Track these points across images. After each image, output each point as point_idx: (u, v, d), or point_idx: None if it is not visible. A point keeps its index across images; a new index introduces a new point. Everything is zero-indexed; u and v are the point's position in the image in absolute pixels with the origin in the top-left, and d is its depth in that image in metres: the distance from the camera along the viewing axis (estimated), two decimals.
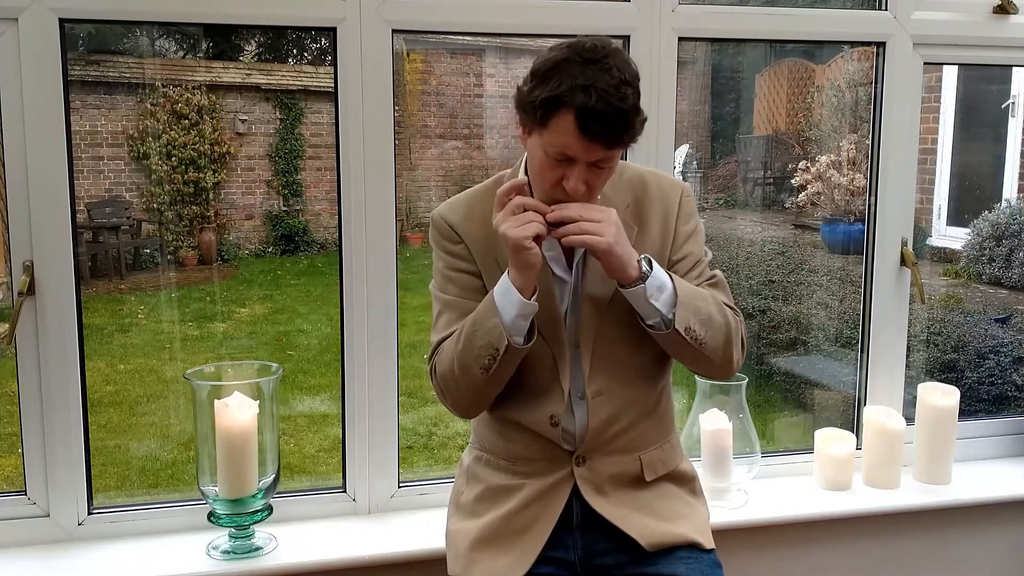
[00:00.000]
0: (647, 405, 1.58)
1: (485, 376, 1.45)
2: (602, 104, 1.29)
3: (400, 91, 7.36)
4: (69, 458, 1.88)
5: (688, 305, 1.44)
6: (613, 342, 1.52)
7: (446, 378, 1.51)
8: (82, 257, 4.73)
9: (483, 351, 1.43)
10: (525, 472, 1.57)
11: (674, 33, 2.05)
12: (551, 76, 1.33)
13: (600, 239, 1.37)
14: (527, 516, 1.55)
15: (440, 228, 1.57)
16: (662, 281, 1.43)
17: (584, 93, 1.29)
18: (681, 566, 1.51)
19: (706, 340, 1.46)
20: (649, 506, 1.56)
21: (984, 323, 4.17)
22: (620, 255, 1.39)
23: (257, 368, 1.92)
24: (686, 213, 1.56)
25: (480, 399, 1.53)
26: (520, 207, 1.39)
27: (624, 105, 1.31)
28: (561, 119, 1.32)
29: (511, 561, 1.52)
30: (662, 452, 1.60)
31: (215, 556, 1.82)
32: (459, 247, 1.55)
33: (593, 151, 1.34)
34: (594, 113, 1.30)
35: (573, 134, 1.32)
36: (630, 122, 1.34)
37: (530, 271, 1.40)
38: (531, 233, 1.36)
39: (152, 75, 7.23)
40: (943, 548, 2.21)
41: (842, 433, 2.21)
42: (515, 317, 1.41)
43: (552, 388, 1.53)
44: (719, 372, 1.55)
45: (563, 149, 1.35)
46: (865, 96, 5.37)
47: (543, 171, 1.39)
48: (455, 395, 1.52)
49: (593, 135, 1.32)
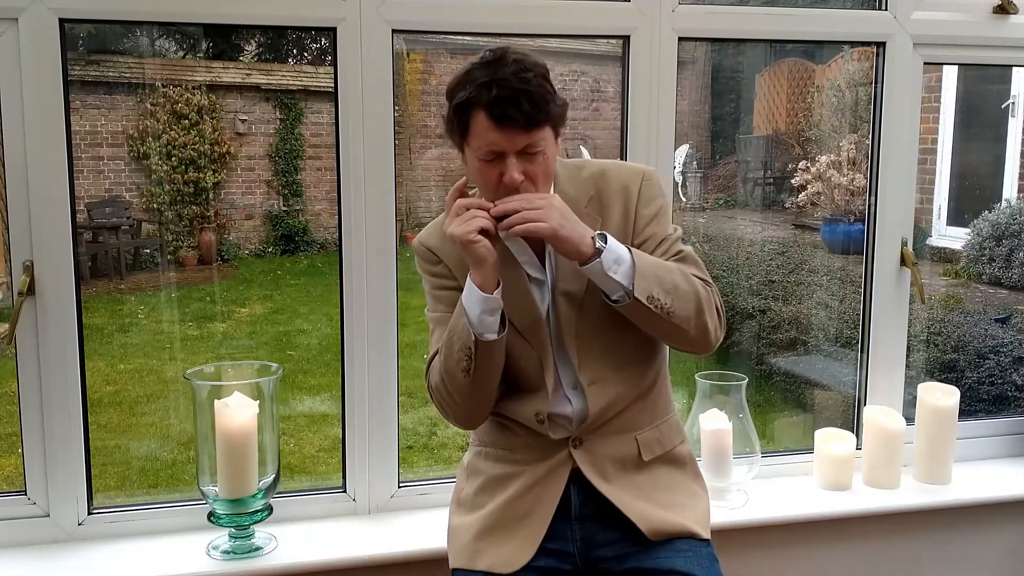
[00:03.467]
0: (641, 387, 1.60)
1: (468, 379, 1.49)
2: (505, 91, 1.37)
3: (400, 91, 7.36)
4: (69, 458, 1.88)
5: (649, 275, 1.45)
6: (596, 332, 1.55)
7: (439, 390, 1.56)
8: (82, 257, 4.73)
9: (460, 354, 1.47)
10: (523, 459, 1.59)
11: (674, 33, 2.05)
12: (457, 89, 1.43)
13: (543, 224, 1.41)
14: (527, 501, 1.57)
15: (421, 254, 1.63)
16: (619, 254, 1.45)
17: (487, 88, 1.38)
18: (679, 559, 1.52)
19: (674, 309, 1.46)
20: (649, 494, 1.58)
21: (984, 323, 4.17)
22: (568, 236, 1.42)
23: (257, 368, 1.92)
24: (646, 197, 1.58)
25: (474, 405, 1.55)
26: (463, 207, 1.45)
27: (527, 87, 1.38)
28: (476, 119, 1.41)
29: (514, 548, 1.54)
30: (659, 432, 1.62)
31: (215, 556, 1.82)
32: (439, 267, 1.60)
33: (514, 138, 1.41)
34: (500, 100, 1.38)
35: (490, 128, 1.40)
36: (538, 102, 1.39)
37: (484, 265, 1.43)
38: (475, 228, 1.42)
39: (152, 75, 7.24)
40: (943, 548, 2.21)
41: (842, 433, 2.21)
42: (480, 314, 1.45)
43: (538, 386, 1.56)
44: (698, 344, 1.54)
45: (488, 147, 1.42)
46: (865, 96, 5.37)
47: (482, 176, 1.46)
48: (451, 405, 1.56)
49: (507, 121, 1.38)
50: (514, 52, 1.42)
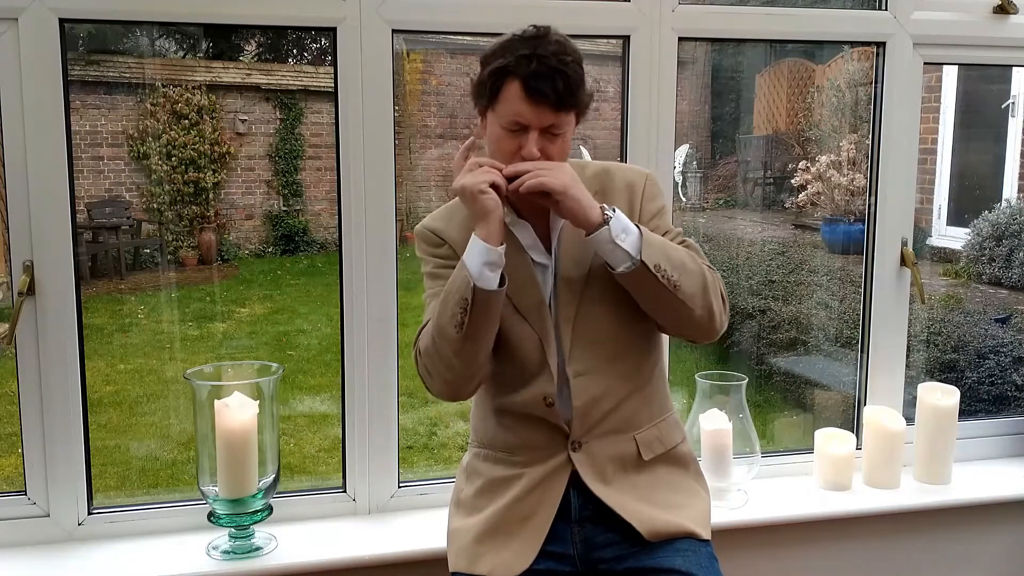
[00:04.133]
0: (636, 382, 1.59)
1: (460, 334, 1.45)
2: (544, 67, 1.41)
3: (400, 91, 7.36)
4: (69, 458, 1.88)
5: (656, 247, 1.46)
6: (593, 322, 1.55)
7: (428, 352, 1.51)
8: (82, 257, 4.73)
9: (456, 308, 1.45)
10: (523, 461, 1.58)
11: (674, 33, 2.05)
12: (496, 55, 1.45)
13: (555, 180, 1.42)
14: (528, 504, 1.56)
15: (424, 236, 1.63)
16: (626, 225, 1.46)
17: (527, 60, 1.41)
18: (679, 559, 1.52)
19: (681, 283, 1.46)
20: (648, 495, 1.57)
21: (984, 323, 4.17)
22: (577, 197, 1.43)
23: (257, 368, 1.92)
24: (650, 193, 1.60)
25: (461, 367, 1.49)
26: (476, 165, 1.47)
27: (566, 68, 1.42)
28: (509, 88, 1.43)
29: (515, 552, 1.54)
30: (658, 431, 1.62)
31: (215, 556, 1.82)
32: (443, 248, 1.60)
33: (542, 114, 1.43)
34: (537, 75, 1.41)
35: (521, 99, 1.42)
36: (573, 86, 1.43)
37: (490, 217, 1.43)
38: (486, 179, 1.43)
39: (152, 75, 7.23)
40: (943, 548, 2.21)
41: (842, 433, 2.21)
42: (481, 266, 1.43)
43: (542, 369, 1.55)
44: (703, 327, 1.52)
45: (515, 117, 1.44)
46: (865, 96, 5.37)
47: (500, 144, 1.48)
48: (437, 368, 1.50)
49: (539, 97, 1.41)
50: (556, 34, 1.46)
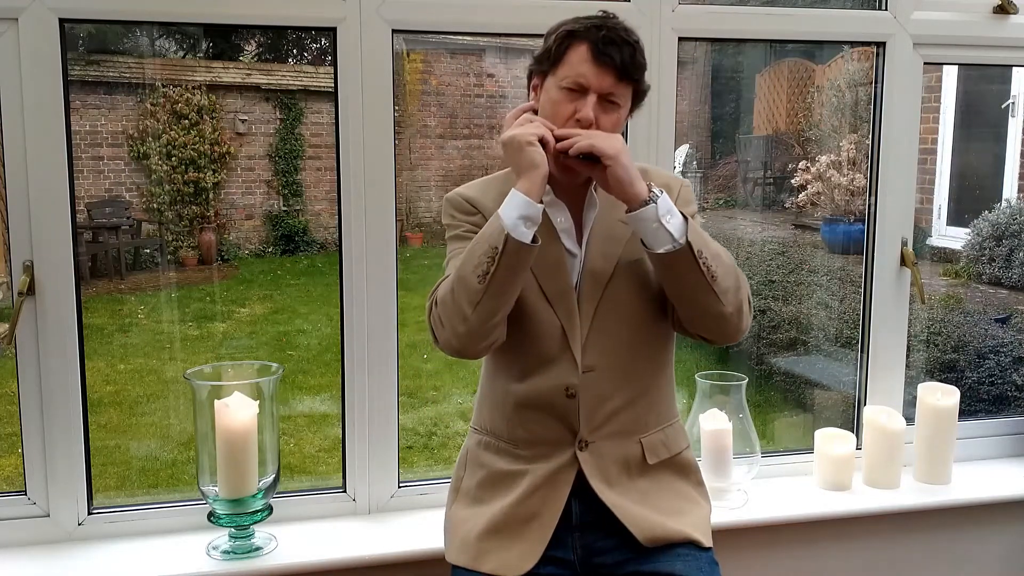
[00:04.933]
0: (645, 384, 1.58)
1: (482, 286, 1.39)
2: (614, 35, 1.45)
3: (400, 91, 7.36)
4: (69, 458, 1.88)
5: (698, 235, 1.45)
6: (611, 318, 1.54)
7: (444, 301, 1.45)
8: (82, 257, 4.73)
9: (483, 257, 1.40)
10: (528, 456, 1.57)
11: (674, 33, 2.05)
12: (566, 24, 1.49)
13: (607, 145, 1.42)
14: (533, 504, 1.55)
15: (455, 203, 1.61)
16: (671, 207, 1.45)
17: (597, 28, 1.46)
18: (679, 564, 1.52)
19: (717, 273, 1.45)
20: (650, 500, 1.57)
21: (984, 323, 4.17)
22: (627, 166, 1.42)
23: (257, 368, 1.92)
24: (685, 198, 1.59)
25: (475, 320, 1.42)
26: (528, 119, 1.47)
27: (632, 39, 1.47)
28: (575, 51, 1.46)
29: (520, 552, 1.53)
30: (664, 435, 1.61)
31: (215, 556, 1.82)
32: (475, 217, 1.58)
33: (604, 78, 1.45)
34: (606, 40, 1.44)
35: (588, 61, 1.45)
36: (637, 59, 1.47)
37: (534, 171, 1.42)
38: (535, 131, 1.43)
39: (152, 75, 7.24)
40: (943, 548, 2.21)
41: (842, 433, 2.21)
42: (517, 219, 1.39)
43: (563, 358, 1.53)
44: (731, 324, 1.50)
45: (577, 79, 1.45)
46: (865, 96, 5.37)
47: (556, 107, 1.48)
48: (452, 320, 1.43)
49: (606, 60, 1.44)
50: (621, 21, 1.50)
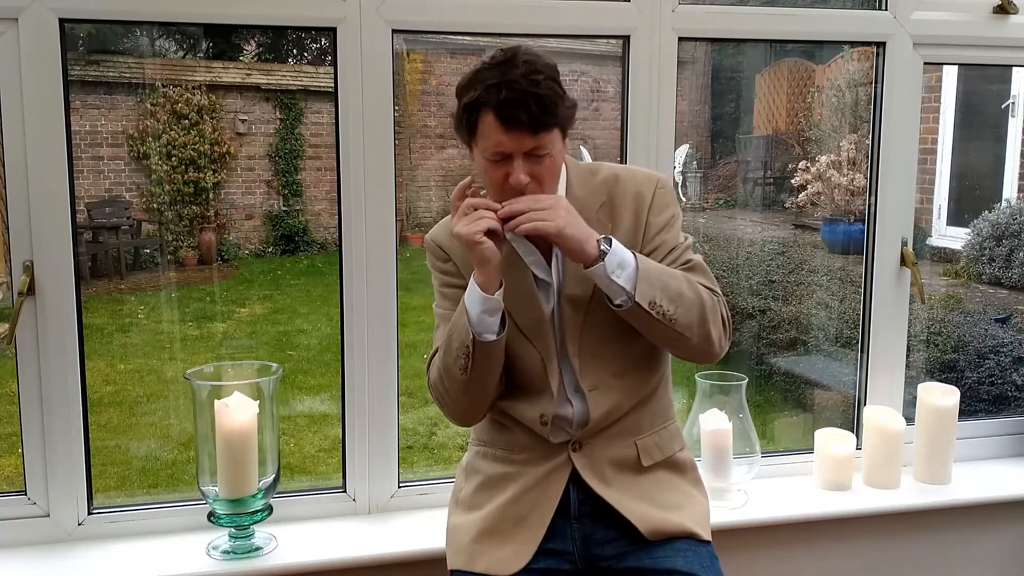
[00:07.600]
0: (643, 394, 1.60)
1: (465, 377, 1.49)
2: (513, 93, 1.38)
3: (400, 91, 7.36)
4: (69, 458, 1.88)
5: (652, 281, 1.45)
6: (599, 338, 1.55)
7: (436, 386, 1.57)
8: (82, 257, 4.73)
9: (459, 352, 1.48)
10: (523, 460, 1.60)
11: (674, 33, 2.05)
12: (468, 88, 1.43)
13: (549, 223, 1.41)
14: (526, 503, 1.57)
15: (431, 249, 1.64)
16: (623, 258, 1.45)
17: (496, 89, 1.39)
18: (679, 559, 1.52)
19: (677, 316, 1.46)
20: (649, 495, 1.58)
21: (984, 323, 4.17)
22: (573, 235, 1.42)
23: (257, 368, 1.92)
24: (659, 205, 1.58)
25: (470, 403, 1.56)
26: (471, 207, 1.45)
27: (536, 89, 1.39)
28: (484, 120, 1.42)
29: (513, 550, 1.54)
30: (659, 438, 1.62)
31: (215, 556, 1.82)
32: (448, 264, 1.61)
33: (521, 140, 1.41)
34: (508, 103, 1.38)
35: (498, 129, 1.41)
36: (547, 105, 1.40)
37: (487, 266, 1.44)
38: (482, 228, 1.42)
39: (152, 75, 7.24)
40: (943, 548, 2.21)
41: (842, 433, 2.21)
42: (480, 313, 1.45)
43: (543, 388, 1.56)
44: (701, 353, 1.54)
45: (496, 148, 1.43)
46: (865, 96, 5.37)
47: (489, 175, 1.47)
48: (448, 401, 1.57)
49: (514, 124, 1.39)
50: (526, 52, 1.43)
